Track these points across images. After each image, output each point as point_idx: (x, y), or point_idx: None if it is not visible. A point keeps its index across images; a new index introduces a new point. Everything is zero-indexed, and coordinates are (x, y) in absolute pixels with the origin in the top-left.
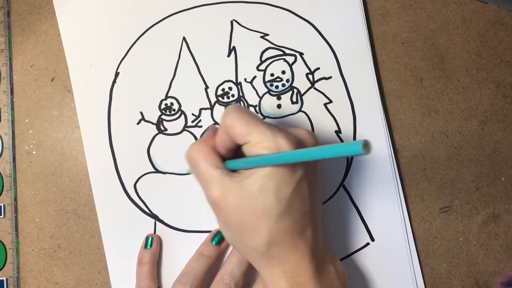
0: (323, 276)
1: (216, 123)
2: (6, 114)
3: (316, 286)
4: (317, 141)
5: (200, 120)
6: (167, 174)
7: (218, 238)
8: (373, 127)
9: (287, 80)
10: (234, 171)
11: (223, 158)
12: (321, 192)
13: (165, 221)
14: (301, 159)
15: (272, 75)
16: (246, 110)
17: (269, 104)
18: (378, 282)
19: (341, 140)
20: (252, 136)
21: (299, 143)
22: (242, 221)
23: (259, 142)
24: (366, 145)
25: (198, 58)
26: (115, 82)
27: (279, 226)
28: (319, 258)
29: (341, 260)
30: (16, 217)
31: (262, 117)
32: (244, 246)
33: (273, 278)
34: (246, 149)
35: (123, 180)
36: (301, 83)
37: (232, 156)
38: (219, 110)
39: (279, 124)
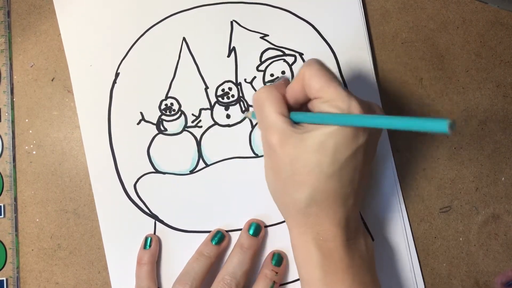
0: (353, 247)
1: (216, 123)
2: (6, 114)
3: (346, 255)
4: None
5: (200, 120)
6: (167, 174)
7: (218, 238)
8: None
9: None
10: (296, 123)
11: (289, 109)
12: (371, 167)
13: (165, 221)
14: (373, 125)
15: (272, 75)
16: (325, 65)
17: None
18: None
19: None
20: (326, 92)
21: (369, 112)
22: (293, 172)
23: (332, 100)
24: (453, 125)
25: (198, 58)
26: (115, 83)
27: (326, 186)
28: (352, 229)
29: None
30: (16, 217)
31: None
32: (285, 197)
33: (303, 238)
34: (315, 105)
35: (123, 180)
36: None
37: (297, 110)
38: (219, 110)
39: None
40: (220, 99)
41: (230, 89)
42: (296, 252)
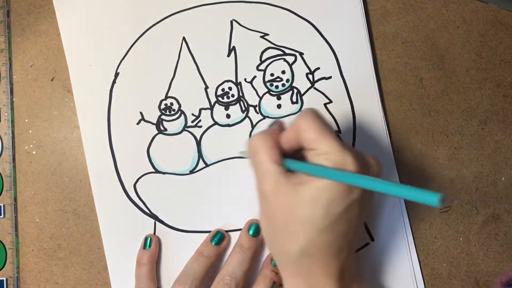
0: None
1: (216, 123)
2: (6, 114)
3: None
4: (381, 172)
5: (200, 120)
6: (167, 174)
7: (218, 238)
8: (373, 127)
9: (287, 80)
10: (289, 170)
11: (284, 155)
12: (366, 218)
13: (165, 221)
14: (366, 186)
15: (272, 75)
16: (321, 116)
17: (269, 104)
18: (378, 282)
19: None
20: (320, 145)
21: (364, 167)
22: (285, 222)
23: (326, 153)
24: (444, 200)
25: (198, 58)
26: (115, 82)
27: (318, 239)
28: (347, 280)
29: None
30: (16, 217)
31: (262, 117)
32: (278, 247)
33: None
34: (309, 155)
35: (123, 180)
36: (301, 83)
37: (292, 154)
38: (219, 110)
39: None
40: (220, 98)
41: (230, 88)
42: None
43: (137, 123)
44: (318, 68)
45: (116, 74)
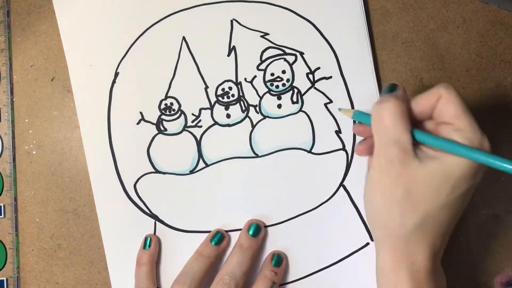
0: (439, 276)
1: (216, 123)
2: (6, 114)
3: (433, 285)
4: None
5: (200, 120)
6: (167, 174)
7: (218, 238)
8: None
9: (288, 80)
10: (416, 142)
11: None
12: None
13: (165, 221)
14: (500, 167)
15: (272, 74)
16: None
17: (269, 104)
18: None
19: (342, 141)
20: (459, 121)
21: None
22: (407, 193)
23: (464, 130)
24: None
25: (198, 57)
26: (115, 82)
27: (437, 214)
28: (437, 264)
29: (341, 260)
30: (16, 217)
31: (262, 117)
32: (389, 219)
33: (397, 265)
34: (442, 129)
35: (123, 180)
36: (302, 82)
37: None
38: (219, 110)
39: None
40: (220, 98)
41: (230, 88)
42: (382, 277)
43: (137, 123)
44: (319, 68)
45: (116, 74)
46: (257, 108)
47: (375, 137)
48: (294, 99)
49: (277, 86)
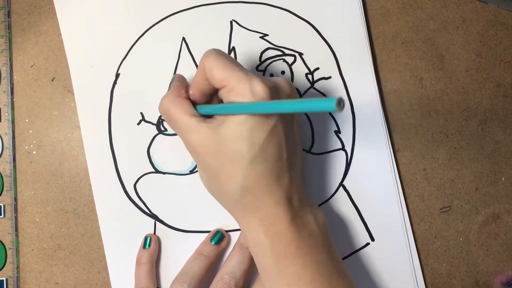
0: (301, 225)
1: None
2: (6, 114)
3: (294, 235)
4: (294, 90)
5: None
6: (167, 174)
7: (218, 238)
8: (373, 127)
9: None
10: (208, 116)
11: (199, 103)
12: (299, 139)
13: (165, 221)
14: (273, 111)
15: (271, 75)
16: (225, 54)
17: None
18: (378, 282)
19: (341, 141)
20: (228, 81)
21: (275, 89)
22: (218, 166)
23: (235, 87)
24: (340, 102)
25: (198, 58)
26: (116, 83)
27: (253, 171)
28: (296, 206)
29: None
30: (16, 217)
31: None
32: (220, 192)
33: (250, 227)
34: (222, 94)
35: (123, 180)
36: (301, 83)
37: (209, 101)
38: None
39: None
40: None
41: None
42: (247, 241)
43: (138, 124)
44: (318, 68)
45: (117, 75)
46: None
47: (174, 130)
48: None
49: None
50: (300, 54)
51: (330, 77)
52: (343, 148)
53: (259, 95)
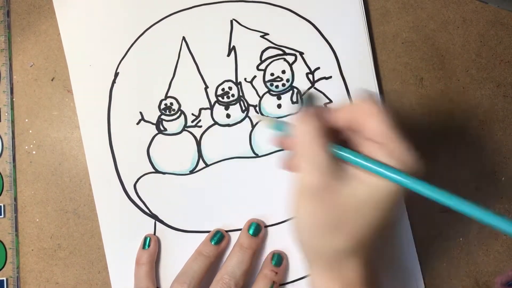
0: None
1: (216, 123)
2: (6, 114)
3: None
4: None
5: (200, 120)
6: (167, 174)
7: (217, 238)
8: None
9: (287, 80)
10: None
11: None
12: None
13: (165, 221)
14: (444, 202)
15: (272, 74)
16: (382, 105)
17: (269, 104)
18: None
19: None
20: (388, 140)
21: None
22: (336, 218)
23: (394, 151)
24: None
25: (198, 57)
26: (115, 82)
27: (371, 238)
28: (373, 274)
29: None
30: (16, 217)
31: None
32: (321, 244)
33: (330, 282)
34: (366, 146)
35: (123, 180)
36: (301, 82)
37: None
38: (219, 110)
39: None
40: (220, 98)
41: (230, 88)
42: None
43: (137, 123)
44: (318, 68)
45: (116, 74)
46: (257, 108)
47: (298, 157)
48: (294, 99)
49: (277, 86)
50: (301, 54)
51: (330, 77)
52: None
53: (418, 175)
